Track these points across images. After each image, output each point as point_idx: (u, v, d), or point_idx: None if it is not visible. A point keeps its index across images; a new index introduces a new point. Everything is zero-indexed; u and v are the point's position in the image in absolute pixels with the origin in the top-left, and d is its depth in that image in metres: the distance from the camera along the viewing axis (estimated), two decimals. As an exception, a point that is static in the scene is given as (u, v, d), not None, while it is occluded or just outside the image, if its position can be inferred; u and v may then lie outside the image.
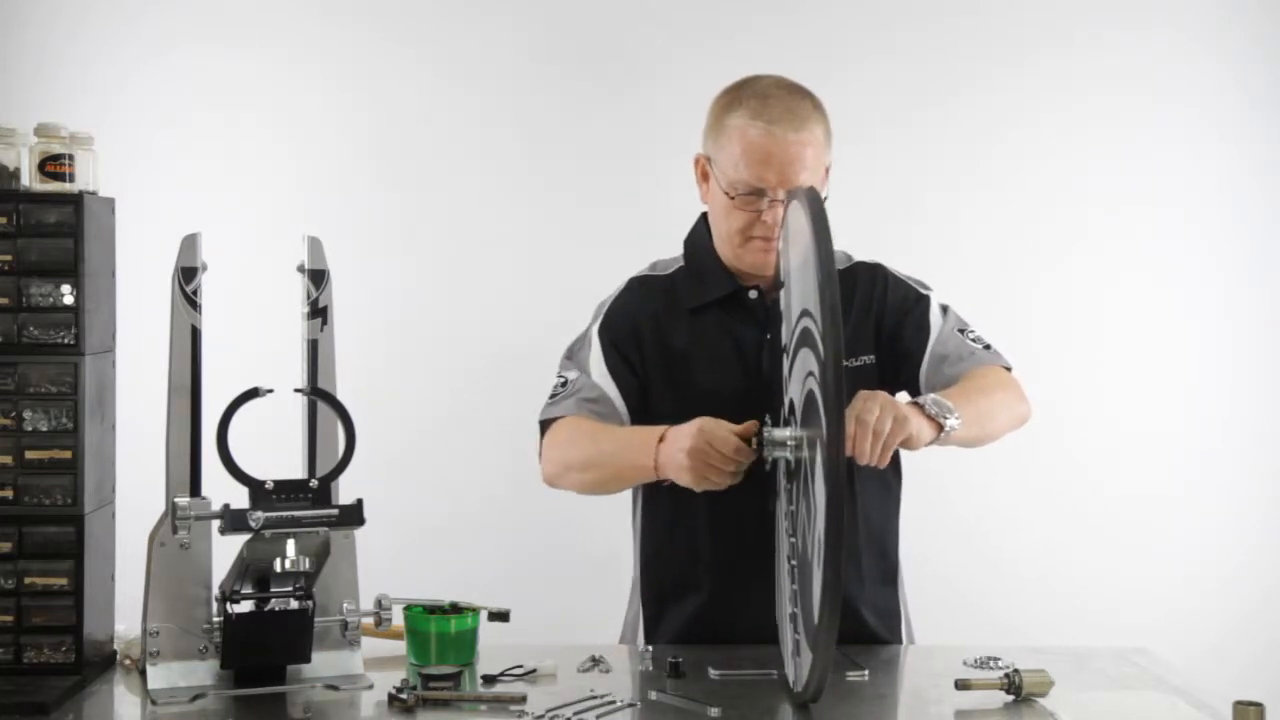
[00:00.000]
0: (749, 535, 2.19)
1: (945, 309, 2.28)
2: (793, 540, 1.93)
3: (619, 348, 2.25)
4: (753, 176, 2.13)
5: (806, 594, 1.82)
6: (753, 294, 2.24)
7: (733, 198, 2.16)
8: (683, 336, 2.25)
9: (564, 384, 2.28)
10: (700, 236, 2.28)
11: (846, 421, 1.85)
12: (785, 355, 2.02)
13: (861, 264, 2.31)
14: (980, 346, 2.25)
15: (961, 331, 2.26)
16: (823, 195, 2.11)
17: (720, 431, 1.99)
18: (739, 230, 2.18)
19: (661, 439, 2.06)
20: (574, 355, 2.30)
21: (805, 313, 1.85)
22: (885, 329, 2.25)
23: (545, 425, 2.26)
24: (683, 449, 2.00)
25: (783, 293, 2.05)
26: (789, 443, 1.92)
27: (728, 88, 2.21)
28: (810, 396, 1.82)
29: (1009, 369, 2.25)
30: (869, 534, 2.27)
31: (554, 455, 2.23)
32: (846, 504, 1.68)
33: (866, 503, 2.25)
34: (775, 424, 1.98)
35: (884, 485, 2.29)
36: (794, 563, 1.92)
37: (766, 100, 2.13)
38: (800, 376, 1.89)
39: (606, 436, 2.18)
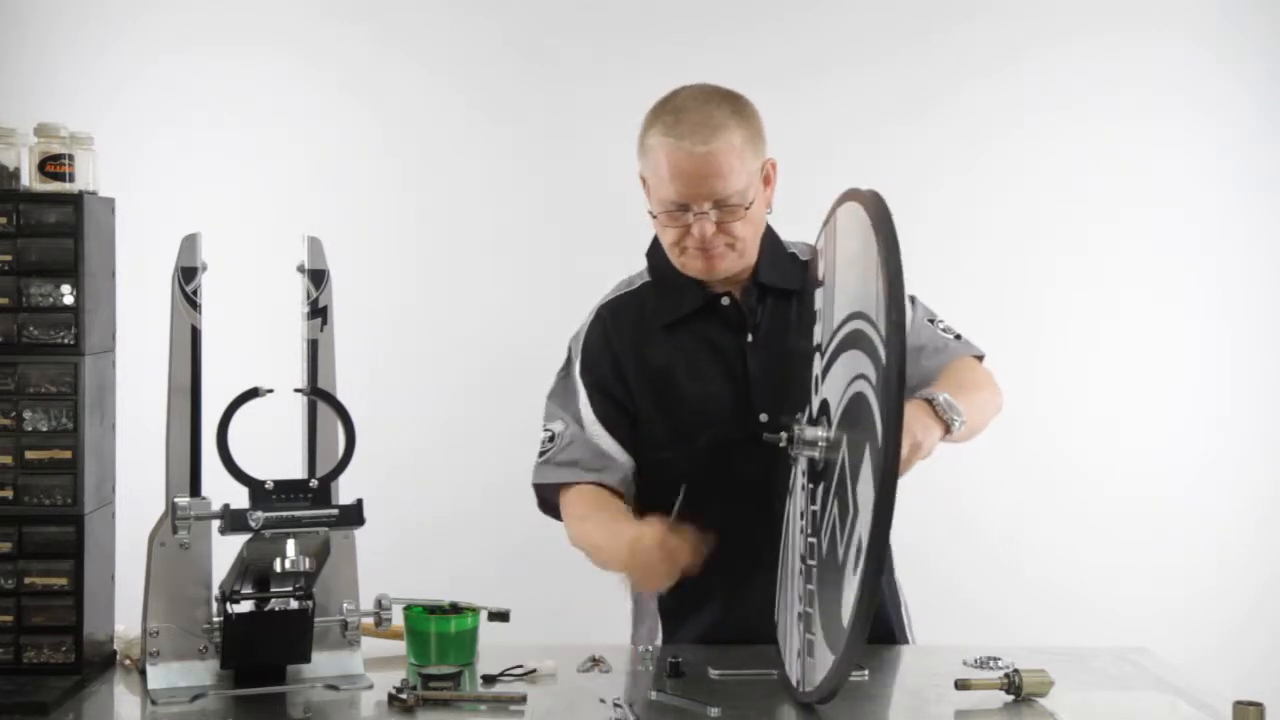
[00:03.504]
0: (758, 540, 2.19)
1: (913, 299, 2.28)
2: (812, 541, 1.92)
3: (606, 389, 2.25)
4: (673, 192, 2.13)
5: (831, 594, 1.81)
6: (725, 300, 2.24)
7: (656, 215, 2.18)
8: (662, 354, 2.24)
9: (551, 438, 2.27)
10: (661, 249, 2.27)
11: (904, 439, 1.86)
12: (819, 355, 1.99)
13: None
14: (952, 337, 2.26)
15: (932, 321, 2.27)
16: (750, 198, 2.13)
17: (654, 547, 1.98)
18: (673, 244, 2.19)
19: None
20: (561, 402, 2.29)
21: (859, 314, 1.82)
22: None
23: (541, 489, 2.27)
24: (620, 560, 2.03)
25: (819, 291, 2.03)
26: (820, 443, 1.91)
27: (654, 104, 2.20)
28: (859, 400, 1.79)
29: (982, 357, 2.27)
30: None
31: (570, 529, 2.25)
32: (891, 513, 1.67)
33: None
34: (806, 422, 1.96)
35: None
36: (811, 563, 1.91)
37: (679, 114, 2.13)
38: (844, 378, 1.86)
39: (589, 526, 2.19)
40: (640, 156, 2.20)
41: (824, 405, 1.95)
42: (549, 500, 2.29)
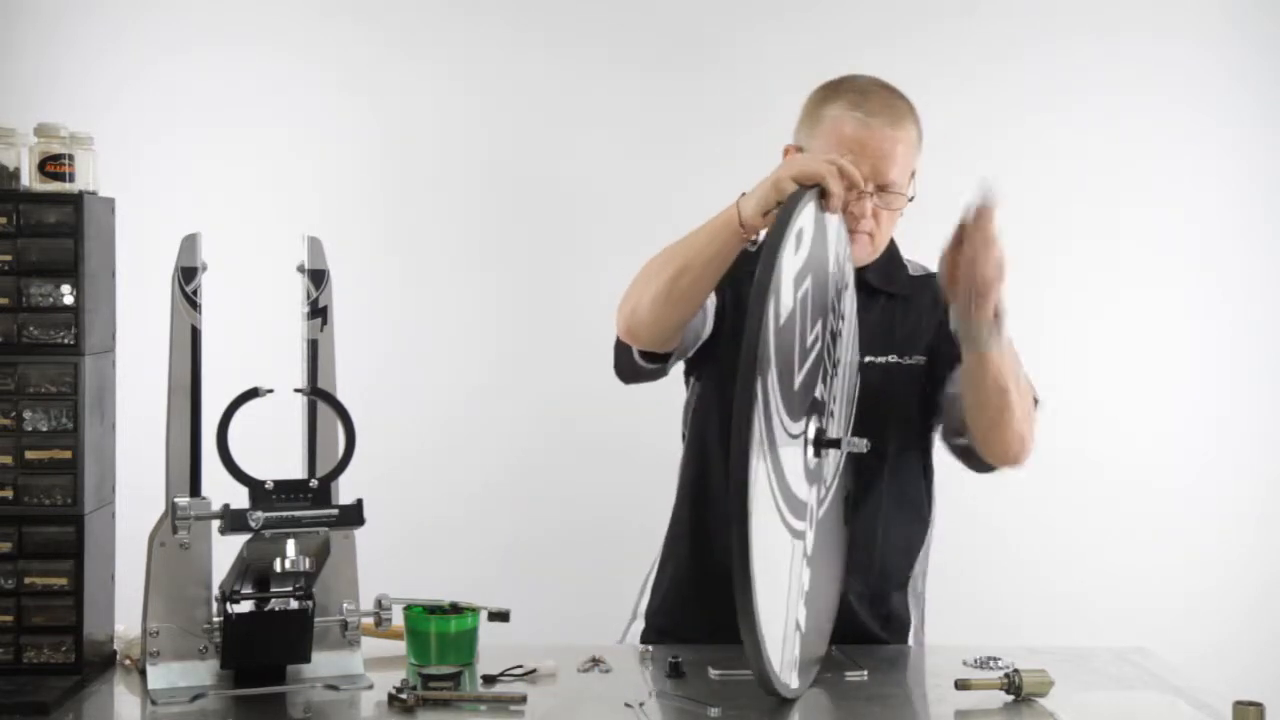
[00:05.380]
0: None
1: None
2: None
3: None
4: None
5: None
6: None
7: None
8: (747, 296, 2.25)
9: None
10: None
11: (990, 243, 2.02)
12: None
13: (934, 276, 2.32)
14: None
15: None
16: (909, 196, 2.22)
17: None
18: None
19: (741, 197, 2.04)
20: None
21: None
22: (939, 335, 2.28)
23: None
24: (770, 177, 1.98)
25: None
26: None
27: (826, 82, 2.24)
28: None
29: (1036, 401, 2.27)
30: (886, 541, 2.29)
31: (627, 295, 2.17)
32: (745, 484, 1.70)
33: (890, 510, 2.25)
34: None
35: (913, 498, 2.33)
36: None
37: (866, 95, 2.19)
38: None
39: (678, 241, 2.13)
40: (808, 126, 2.21)
41: None
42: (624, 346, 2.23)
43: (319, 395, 2.01)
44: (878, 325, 2.28)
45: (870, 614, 2.28)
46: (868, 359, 2.25)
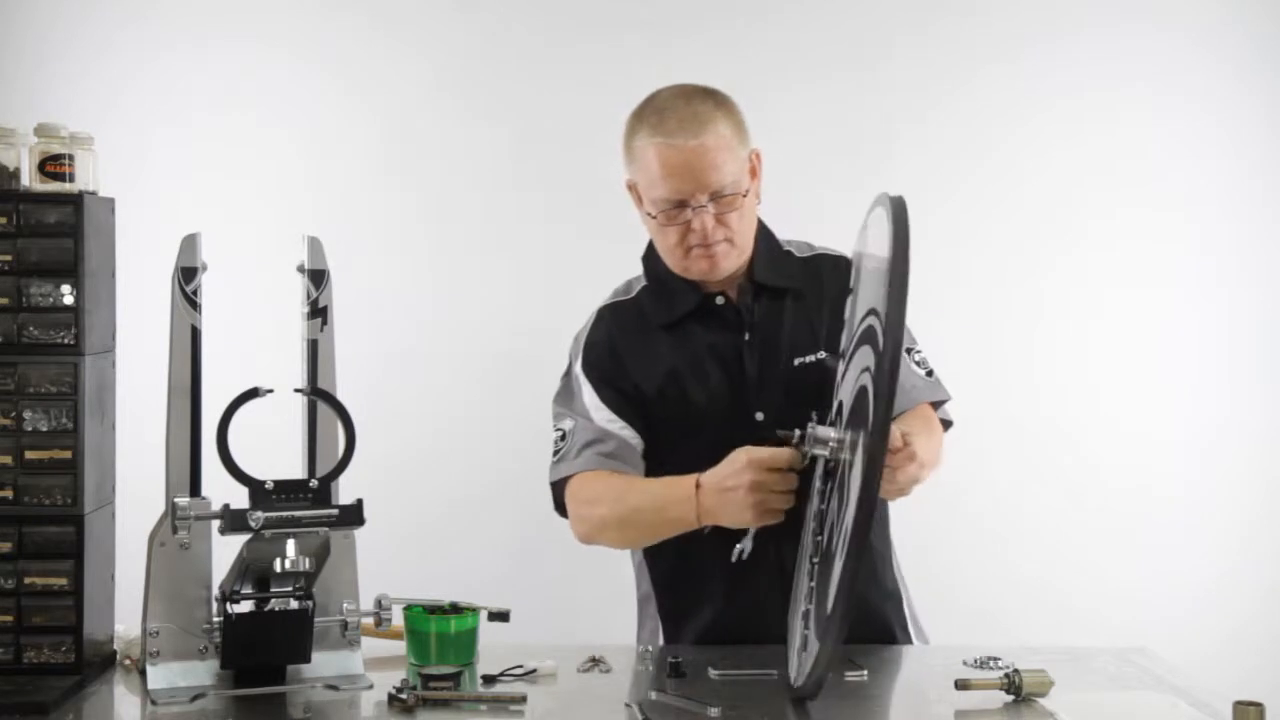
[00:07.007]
0: (757, 538, 2.19)
1: None
2: (819, 539, 1.93)
3: (609, 380, 2.26)
4: (667, 190, 2.14)
5: (824, 586, 1.81)
6: (719, 300, 2.25)
7: (655, 216, 2.18)
8: (664, 354, 2.25)
9: (562, 437, 2.27)
10: (655, 254, 2.28)
11: (894, 440, 1.91)
12: (842, 361, 2.03)
13: (826, 255, 2.31)
14: (923, 373, 2.26)
15: (909, 352, 2.26)
16: (744, 186, 2.16)
17: (768, 456, 1.97)
18: (676, 245, 2.18)
19: (699, 486, 2.05)
20: (565, 403, 2.29)
21: (872, 310, 1.85)
22: (830, 332, 2.23)
23: (558, 486, 2.26)
24: (740, 487, 1.98)
25: (849, 299, 2.07)
26: (831, 442, 1.92)
27: (634, 109, 2.22)
28: (862, 391, 1.81)
29: (945, 402, 2.28)
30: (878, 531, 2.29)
31: (583, 514, 2.22)
32: (877, 494, 1.70)
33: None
34: (820, 422, 1.98)
35: None
36: (815, 560, 1.92)
37: (663, 114, 2.15)
38: (855, 374, 1.89)
39: (635, 491, 2.17)
40: (628, 163, 2.21)
41: (839, 407, 1.96)
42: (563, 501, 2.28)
43: (319, 395, 2.01)
44: (795, 325, 2.23)
45: (877, 593, 2.28)
46: (797, 361, 2.22)
